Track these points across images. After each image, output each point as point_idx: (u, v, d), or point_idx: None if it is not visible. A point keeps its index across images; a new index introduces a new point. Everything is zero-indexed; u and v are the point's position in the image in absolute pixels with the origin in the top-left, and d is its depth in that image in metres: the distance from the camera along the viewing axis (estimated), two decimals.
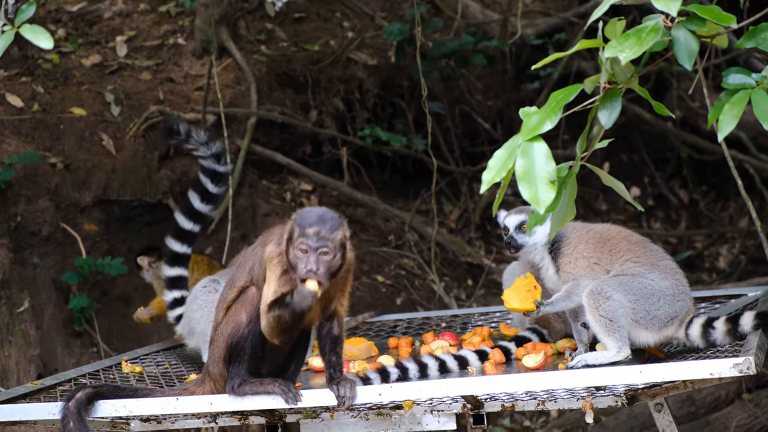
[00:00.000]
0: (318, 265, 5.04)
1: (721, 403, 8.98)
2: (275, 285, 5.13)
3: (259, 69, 10.74)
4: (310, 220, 5.10)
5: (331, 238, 5.08)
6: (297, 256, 5.07)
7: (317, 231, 5.07)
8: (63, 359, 8.98)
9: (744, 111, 3.99)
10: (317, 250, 5.05)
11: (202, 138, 7.04)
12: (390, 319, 7.56)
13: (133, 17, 11.20)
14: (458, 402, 5.54)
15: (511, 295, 5.75)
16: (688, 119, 12.26)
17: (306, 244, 5.05)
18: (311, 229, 5.07)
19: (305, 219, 5.10)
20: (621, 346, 5.49)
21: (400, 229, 10.87)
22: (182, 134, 7.05)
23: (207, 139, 7.05)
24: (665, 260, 5.78)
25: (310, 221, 5.09)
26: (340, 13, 11.76)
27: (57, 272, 9.16)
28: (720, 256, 12.00)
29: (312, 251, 5.05)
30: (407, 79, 11.34)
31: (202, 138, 7.04)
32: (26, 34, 4.22)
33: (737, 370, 4.92)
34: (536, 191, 3.79)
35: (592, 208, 12.03)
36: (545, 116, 3.83)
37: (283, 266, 5.14)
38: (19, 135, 9.49)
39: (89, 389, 5.41)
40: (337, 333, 5.31)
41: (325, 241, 5.07)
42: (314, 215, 5.13)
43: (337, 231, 5.11)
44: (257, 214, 10.18)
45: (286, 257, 5.13)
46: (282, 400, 5.22)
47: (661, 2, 3.72)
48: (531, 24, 12.11)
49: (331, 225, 5.10)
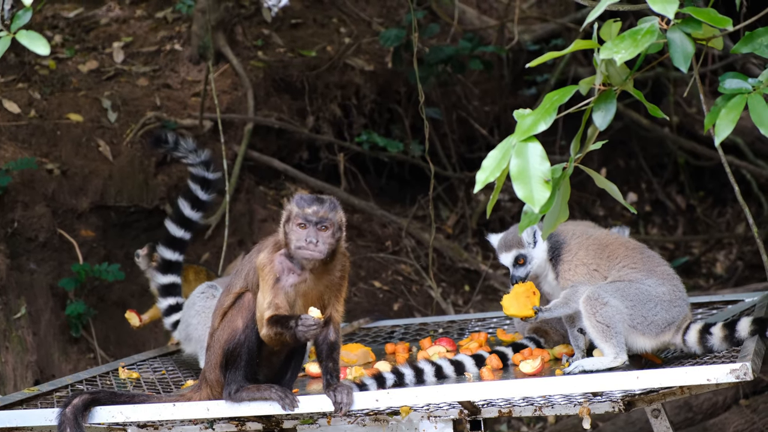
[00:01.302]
0: (317, 237, 5.06)
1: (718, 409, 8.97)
2: (270, 295, 5.14)
3: (256, 75, 10.74)
4: (307, 199, 5.14)
5: (330, 215, 5.11)
6: (294, 231, 5.09)
7: (316, 209, 5.11)
8: (60, 365, 8.96)
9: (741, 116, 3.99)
10: (316, 225, 5.08)
11: (191, 146, 7.07)
12: (387, 325, 7.56)
13: (130, 23, 11.20)
14: (455, 408, 5.54)
15: (509, 301, 5.76)
16: (685, 125, 12.26)
17: (305, 220, 5.08)
18: (310, 207, 5.11)
19: (303, 199, 5.15)
20: (618, 352, 5.49)
21: (398, 235, 10.87)
22: (170, 143, 7.07)
23: (195, 147, 7.07)
24: (662, 266, 5.78)
25: (307, 201, 5.13)
26: (337, 18, 11.76)
27: (54, 278, 9.15)
28: (717, 262, 11.99)
29: (311, 225, 5.08)
30: (404, 85, 11.34)
31: (190, 146, 7.07)
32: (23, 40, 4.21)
33: (734, 375, 4.91)
34: (531, 190, 3.79)
35: (589, 214, 12.02)
36: (540, 117, 3.83)
37: (275, 274, 5.15)
38: (16, 141, 9.49)
39: (86, 395, 5.41)
40: (333, 339, 5.31)
41: (325, 218, 5.10)
42: (312, 197, 5.18)
43: (335, 211, 5.15)
44: (254, 220, 10.18)
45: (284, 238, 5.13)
46: (279, 406, 5.22)
47: (657, 4, 3.72)
48: (528, 30, 12.11)
49: (330, 204, 5.15)
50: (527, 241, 5.83)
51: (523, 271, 5.84)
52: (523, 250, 5.83)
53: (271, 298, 5.13)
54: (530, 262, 5.84)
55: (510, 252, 5.86)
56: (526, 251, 5.83)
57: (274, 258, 5.18)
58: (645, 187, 12.70)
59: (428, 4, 11.57)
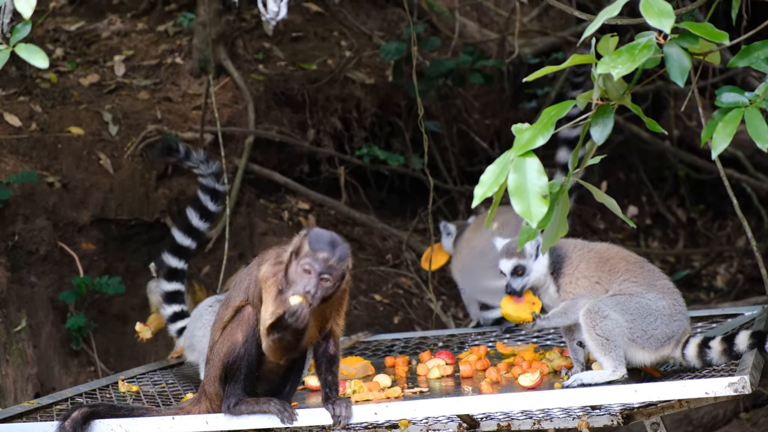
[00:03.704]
0: (316, 288, 5.05)
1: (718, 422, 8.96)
2: (272, 306, 5.14)
3: (256, 88, 10.75)
4: (321, 243, 5.10)
5: (337, 267, 5.09)
6: (298, 273, 5.07)
7: (326, 258, 5.08)
8: (60, 378, 8.97)
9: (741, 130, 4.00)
10: (320, 275, 5.06)
11: (202, 157, 7.09)
12: (387, 339, 7.57)
13: (131, 36, 11.22)
14: (454, 421, 5.54)
15: (509, 303, 5.77)
16: (685, 138, 12.26)
17: (311, 266, 5.06)
18: (321, 253, 5.08)
19: (318, 241, 5.10)
20: (617, 365, 5.50)
21: (398, 248, 10.87)
22: (181, 152, 7.09)
23: (206, 158, 7.10)
24: (662, 280, 5.79)
25: (321, 245, 5.09)
26: (338, 32, 11.77)
27: (54, 291, 9.15)
28: (718, 275, 11.99)
29: (315, 274, 5.06)
30: (405, 98, 11.34)
31: (201, 156, 7.09)
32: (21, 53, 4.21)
33: (732, 389, 4.92)
34: (528, 205, 3.80)
35: (589, 227, 12.02)
36: (537, 132, 3.84)
37: (278, 286, 5.15)
38: (17, 154, 9.50)
39: (85, 408, 5.42)
40: (332, 352, 5.32)
41: (331, 269, 5.07)
42: (327, 239, 5.12)
43: (344, 261, 5.12)
44: (255, 233, 10.18)
45: (285, 272, 5.13)
46: (278, 419, 5.23)
47: (654, 19, 3.73)
48: (528, 43, 12.12)
49: (341, 255, 5.11)
50: (529, 253, 5.84)
51: (520, 283, 5.83)
52: (523, 261, 5.83)
53: (273, 309, 5.13)
54: (528, 274, 5.84)
55: (510, 260, 5.86)
56: (526, 262, 5.83)
57: (277, 271, 5.18)
58: (645, 201, 12.70)
59: (429, 17, 11.59)
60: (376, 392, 5.83)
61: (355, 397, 5.71)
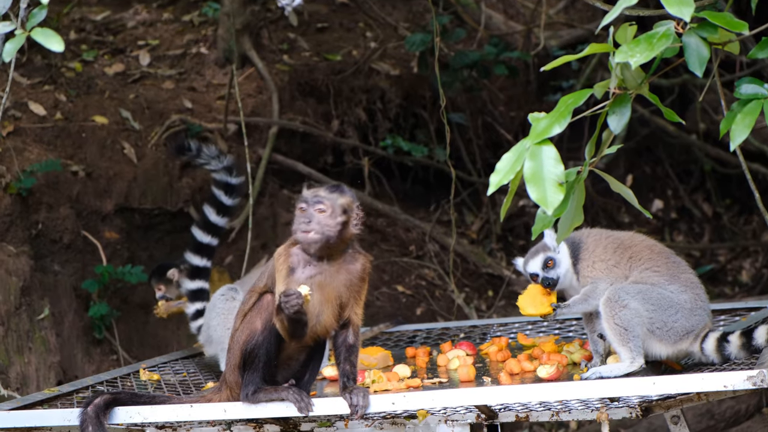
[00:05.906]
0: (312, 218, 5.04)
1: (740, 417, 8.92)
2: (282, 286, 5.13)
3: (281, 78, 10.76)
4: (313, 185, 5.13)
5: (329, 196, 5.08)
6: (295, 216, 5.07)
7: (314, 190, 5.08)
8: (83, 366, 9.00)
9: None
10: (313, 206, 5.05)
11: (213, 152, 7.10)
12: (409, 330, 7.56)
13: (157, 26, 11.25)
14: (472, 412, 5.53)
15: (526, 301, 5.75)
16: (711, 132, 12.20)
17: (304, 201, 5.07)
18: (309, 189, 5.09)
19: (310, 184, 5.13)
20: (635, 356, 5.47)
21: (421, 240, 10.86)
22: (193, 150, 7.10)
23: (218, 153, 7.10)
24: (687, 273, 5.74)
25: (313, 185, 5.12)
26: (363, 23, 11.77)
27: (77, 280, 9.19)
28: (743, 270, 11.93)
29: (309, 207, 5.05)
30: (429, 90, 11.33)
31: (213, 152, 7.10)
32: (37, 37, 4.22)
33: (751, 382, 4.89)
34: (544, 192, 3.78)
35: (614, 220, 11.98)
36: (554, 120, 3.82)
37: (289, 266, 5.14)
38: (41, 143, 9.54)
39: (107, 395, 5.42)
40: (352, 341, 5.29)
41: (323, 198, 5.07)
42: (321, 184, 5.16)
43: (337, 193, 5.11)
44: (278, 224, 10.19)
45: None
46: (295, 408, 5.21)
47: (674, 7, 3.71)
48: (554, 35, 12.08)
49: (331, 188, 5.12)
50: (553, 246, 5.81)
51: (554, 274, 5.77)
52: (550, 253, 5.80)
53: (283, 289, 5.12)
54: (559, 265, 5.79)
55: (537, 257, 5.83)
56: (552, 254, 5.80)
57: (290, 250, 5.17)
58: (671, 194, 12.65)
59: (454, 9, 11.57)
60: (395, 382, 5.83)
61: (374, 387, 5.70)
